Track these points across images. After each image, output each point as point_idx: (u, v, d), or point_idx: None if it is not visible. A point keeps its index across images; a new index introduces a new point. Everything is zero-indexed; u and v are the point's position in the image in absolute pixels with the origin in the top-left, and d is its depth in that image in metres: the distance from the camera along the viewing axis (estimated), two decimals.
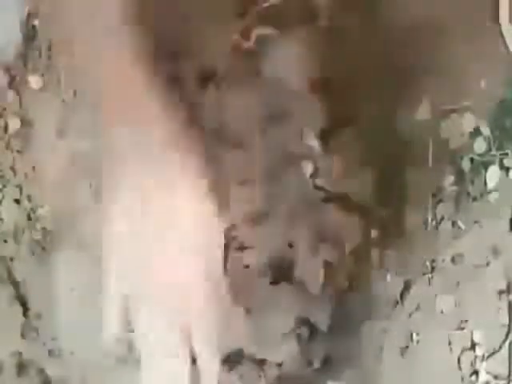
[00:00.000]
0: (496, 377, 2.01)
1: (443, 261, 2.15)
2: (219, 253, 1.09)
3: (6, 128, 2.19)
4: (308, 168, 2.07)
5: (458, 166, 2.15)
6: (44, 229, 2.24)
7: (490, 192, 2.08)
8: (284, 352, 2.05)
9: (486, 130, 2.08)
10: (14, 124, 2.19)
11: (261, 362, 2.15)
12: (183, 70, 2.12)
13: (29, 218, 2.24)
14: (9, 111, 2.19)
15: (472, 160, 2.12)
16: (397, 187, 2.18)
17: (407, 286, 2.17)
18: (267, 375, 2.15)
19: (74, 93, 2.15)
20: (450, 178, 2.14)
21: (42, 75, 2.19)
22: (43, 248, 2.23)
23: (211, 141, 2.13)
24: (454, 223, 2.14)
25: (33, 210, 2.24)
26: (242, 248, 2.15)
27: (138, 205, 0.97)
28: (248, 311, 1.98)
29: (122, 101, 0.99)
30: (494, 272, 2.08)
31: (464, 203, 2.13)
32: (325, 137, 2.10)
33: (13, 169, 2.22)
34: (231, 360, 2.19)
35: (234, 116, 2.11)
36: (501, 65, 2.12)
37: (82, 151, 2.20)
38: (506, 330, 2.04)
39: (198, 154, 1.04)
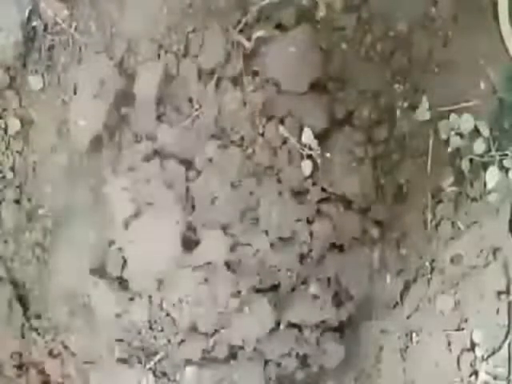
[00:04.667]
0: (496, 377, 2.01)
1: (443, 261, 2.16)
2: None
3: (6, 129, 2.19)
4: (307, 167, 2.07)
5: (458, 167, 2.15)
6: (44, 229, 2.24)
7: (489, 193, 2.08)
8: None
9: (485, 131, 2.08)
10: (14, 125, 2.19)
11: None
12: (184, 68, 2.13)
13: (29, 219, 2.24)
14: (9, 112, 2.19)
15: (471, 161, 2.12)
16: (396, 188, 2.19)
17: (407, 287, 2.17)
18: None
19: (74, 93, 2.15)
20: (450, 179, 2.14)
21: (42, 75, 2.20)
22: (43, 248, 2.24)
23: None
24: (453, 224, 2.15)
25: (33, 210, 2.24)
26: None
27: None
28: None
29: None
30: (493, 273, 2.08)
31: (463, 204, 2.13)
32: (324, 136, 2.11)
33: (13, 169, 2.23)
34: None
35: (233, 115, 2.12)
36: (501, 66, 2.12)
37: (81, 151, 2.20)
38: (505, 330, 2.05)
39: None
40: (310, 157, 2.05)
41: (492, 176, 2.04)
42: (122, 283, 2.15)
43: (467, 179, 2.11)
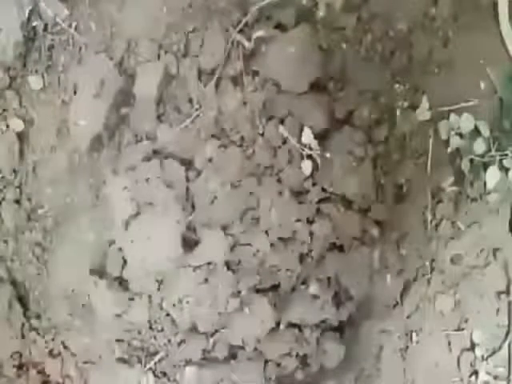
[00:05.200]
0: (496, 377, 2.01)
1: (443, 261, 2.16)
2: None
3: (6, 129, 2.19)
4: (307, 167, 2.07)
5: (458, 167, 2.15)
6: (44, 229, 2.24)
7: (489, 193, 2.07)
8: None
9: (485, 131, 2.07)
10: (15, 125, 2.18)
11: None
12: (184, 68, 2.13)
13: (29, 219, 2.24)
14: (9, 112, 2.19)
15: (472, 161, 2.11)
16: (396, 188, 2.19)
17: (407, 287, 2.17)
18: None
19: (74, 93, 2.15)
20: (450, 179, 2.14)
21: (42, 75, 2.20)
22: (43, 248, 2.24)
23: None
24: (453, 224, 2.15)
25: (33, 210, 2.24)
26: None
27: None
28: None
29: None
30: (493, 273, 2.08)
31: (463, 204, 2.13)
32: (324, 136, 2.11)
33: (13, 169, 2.23)
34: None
35: (233, 115, 2.12)
36: (501, 66, 2.12)
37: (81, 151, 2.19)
38: (505, 330, 2.05)
39: None
40: (310, 157, 2.05)
41: (492, 176, 2.04)
42: (122, 283, 2.15)
43: (467, 179, 2.11)
